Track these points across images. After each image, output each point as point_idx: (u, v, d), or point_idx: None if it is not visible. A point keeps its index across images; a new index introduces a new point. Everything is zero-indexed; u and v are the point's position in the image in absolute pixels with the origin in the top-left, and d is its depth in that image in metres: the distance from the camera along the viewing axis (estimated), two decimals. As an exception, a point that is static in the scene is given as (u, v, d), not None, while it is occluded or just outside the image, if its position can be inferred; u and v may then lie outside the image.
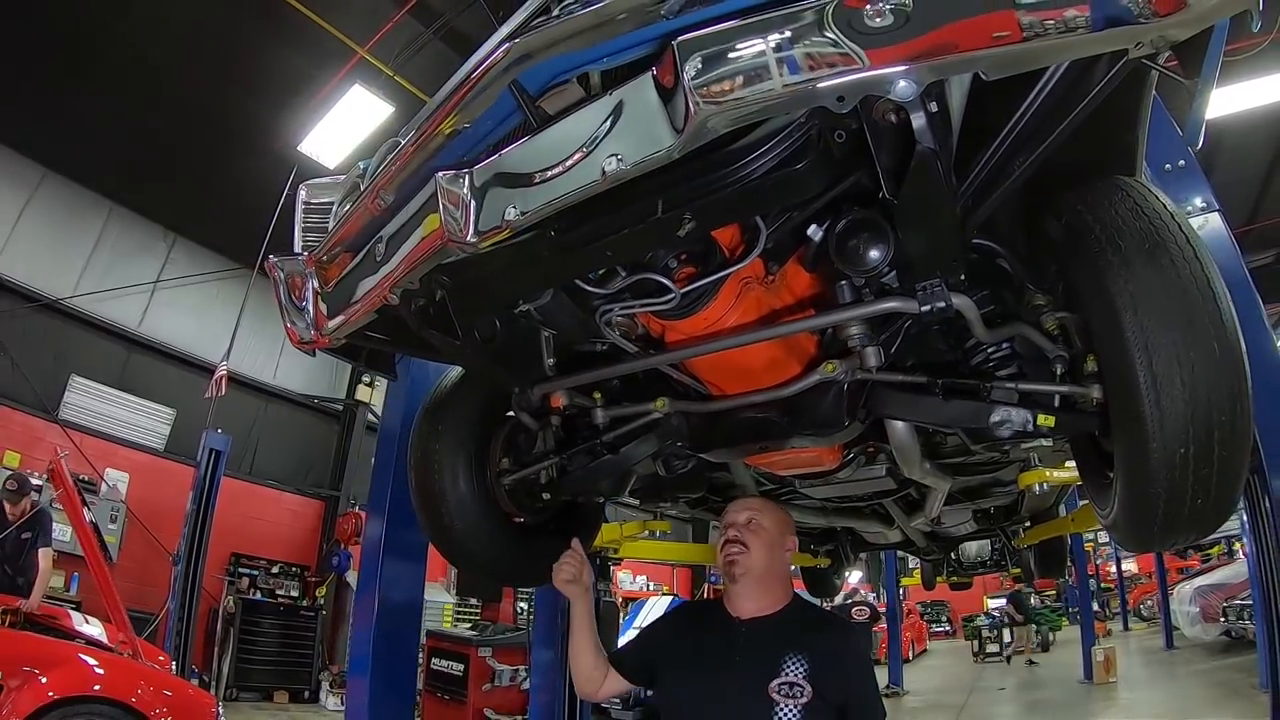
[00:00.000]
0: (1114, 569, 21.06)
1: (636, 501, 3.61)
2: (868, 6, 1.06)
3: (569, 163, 1.27)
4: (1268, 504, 3.30)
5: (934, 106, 1.19)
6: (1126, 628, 19.44)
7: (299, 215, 2.19)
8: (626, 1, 1.24)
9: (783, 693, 1.84)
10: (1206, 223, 3.78)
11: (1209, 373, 1.30)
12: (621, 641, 2.90)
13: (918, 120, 1.19)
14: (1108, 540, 21.37)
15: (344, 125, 8.87)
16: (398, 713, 3.57)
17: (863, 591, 13.57)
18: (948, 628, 25.72)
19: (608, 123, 1.25)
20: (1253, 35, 7.99)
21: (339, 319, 1.86)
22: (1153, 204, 1.45)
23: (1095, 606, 19.07)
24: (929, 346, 1.86)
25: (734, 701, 1.90)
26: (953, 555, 8.09)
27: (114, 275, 11.09)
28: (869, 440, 2.20)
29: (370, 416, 13.73)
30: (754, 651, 1.95)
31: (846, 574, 9.36)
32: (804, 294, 1.76)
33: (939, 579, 9.89)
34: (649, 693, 2.29)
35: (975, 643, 18.49)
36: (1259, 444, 3.24)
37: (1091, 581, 20.44)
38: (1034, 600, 20.09)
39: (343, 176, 2.18)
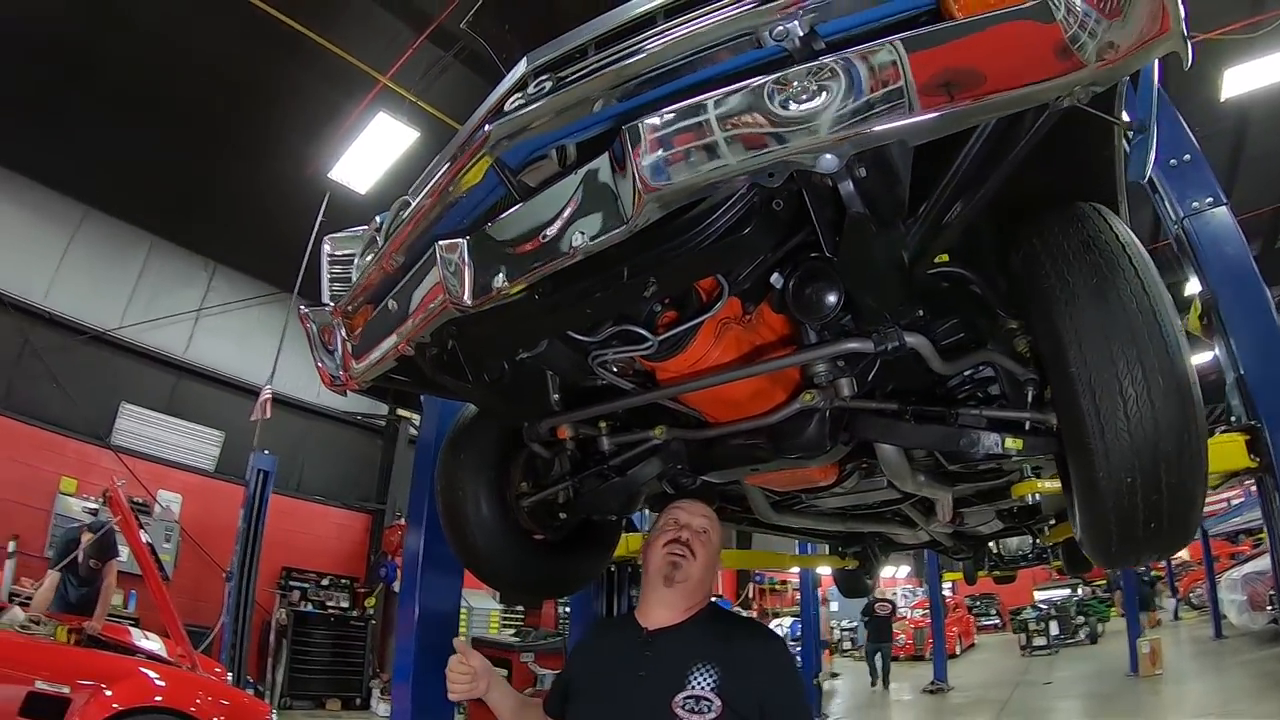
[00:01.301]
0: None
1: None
2: (795, 85, 1.16)
3: (544, 237, 1.40)
4: (1278, 502, 3.31)
5: (863, 172, 1.26)
6: (1176, 617, 19.08)
7: (324, 267, 2.37)
8: (584, 90, 1.38)
9: (687, 708, 1.72)
10: (1214, 217, 3.79)
11: (1153, 408, 1.35)
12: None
13: (845, 188, 1.28)
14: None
15: (372, 152, 9.09)
16: (438, 716, 3.73)
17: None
18: (997, 621, 25.36)
19: (574, 200, 1.37)
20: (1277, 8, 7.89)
21: (364, 365, 2.03)
22: (1105, 237, 1.50)
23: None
24: (910, 371, 1.93)
25: (635, 718, 1.80)
26: (994, 549, 8.05)
27: (158, 305, 11.55)
28: (861, 458, 2.31)
29: (412, 430, 13.98)
30: (660, 663, 1.84)
31: (879, 572, 9.37)
32: (779, 331, 1.87)
33: (980, 573, 9.81)
34: None
35: (1023, 636, 18.33)
36: (1269, 441, 3.26)
37: (1142, 571, 20.13)
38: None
39: (362, 228, 2.36)
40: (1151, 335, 1.38)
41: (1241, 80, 9.09)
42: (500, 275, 1.48)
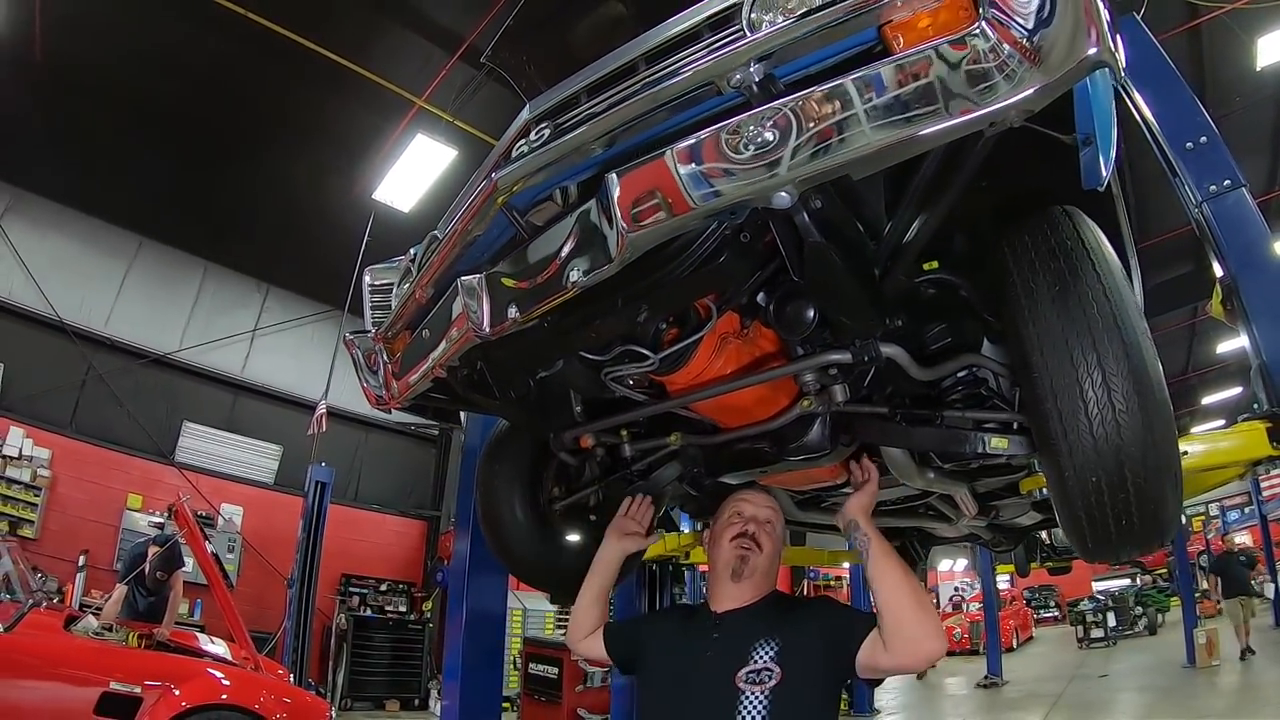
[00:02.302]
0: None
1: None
2: (746, 131, 1.28)
3: (547, 274, 1.57)
4: None
5: (818, 204, 1.38)
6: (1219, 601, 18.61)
7: (366, 296, 2.58)
8: (574, 141, 1.54)
9: (749, 680, 1.79)
10: (1232, 200, 3.72)
11: (1114, 410, 1.41)
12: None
13: (801, 220, 1.39)
14: (1219, 514, 20.51)
15: (412, 172, 9.34)
16: (485, 712, 3.92)
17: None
18: (1056, 613, 24.94)
19: (570, 240, 1.53)
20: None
21: (404, 385, 2.23)
22: (1071, 243, 1.56)
23: (1204, 584, 18.32)
24: (902, 376, 1.99)
25: (701, 695, 1.86)
26: (1046, 540, 7.94)
27: (215, 327, 12.04)
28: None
29: (464, 438, 14.24)
30: (725, 643, 1.91)
31: (925, 566, 9.34)
32: (773, 344, 2.00)
33: (1033, 565, 9.66)
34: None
35: (1080, 628, 18.05)
36: None
37: (1204, 557, 19.62)
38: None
39: (399, 260, 2.56)
40: (1112, 340, 1.43)
41: (1276, 48, 8.77)
42: (513, 307, 1.66)
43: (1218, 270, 3.70)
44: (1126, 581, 20.85)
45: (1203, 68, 8.89)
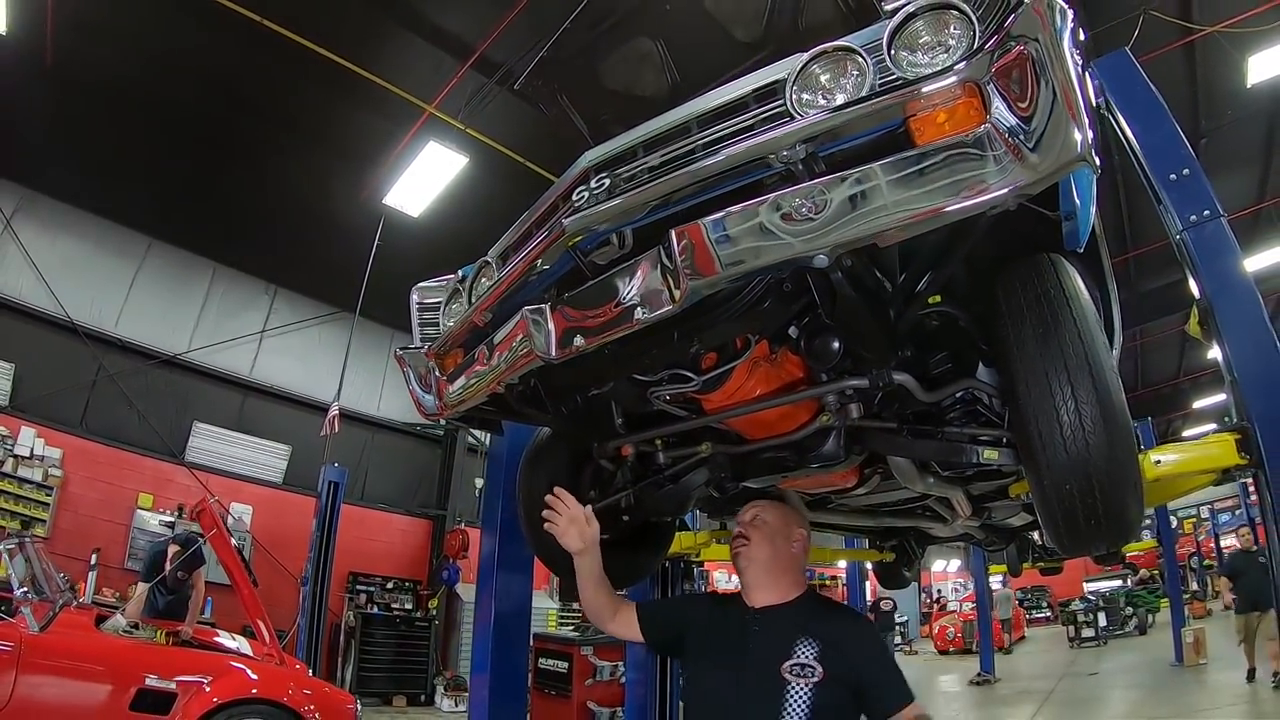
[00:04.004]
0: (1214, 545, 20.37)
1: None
2: (797, 200, 1.54)
3: (613, 310, 1.83)
4: (1270, 498, 3.52)
5: (849, 262, 1.65)
6: (1228, 607, 18.85)
7: (414, 314, 2.81)
8: (637, 198, 1.80)
9: (794, 673, 1.99)
10: (1211, 230, 3.99)
11: (1084, 431, 1.67)
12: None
13: (835, 276, 1.66)
14: (1209, 515, 20.79)
15: (423, 178, 9.50)
16: (512, 704, 4.13)
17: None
18: (1048, 613, 25.25)
19: (635, 282, 1.79)
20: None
21: (458, 399, 2.48)
22: (1054, 292, 1.82)
23: (1194, 585, 18.64)
24: (908, 397, 2.23)
25: (748, 683, 2.05)
26: (1039, 540, 8.20)
27: (224, 329, 12.27)
28: (877, 464, 2.69)
29: (470, 439, 14.60)
30: (766, 637, 2.11)
31: (919, 566, 9.59)
32: (799, 368, 2.25)
33: (1025, 565, 9.86)
34: None
35: (1071, 628, 18.34)
36: (1259, 440, 3.48)
37: (1194, 559, 19.92)
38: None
39: (447, 278, 2.79)
40: (1084, 375, 1.69)
41: (1266, 66, 8.95)
42: (579, 337, 1.92)
43: (1196, 292, 3.96)
44: (1118, 582, 21.14)
45: (1196, 83, 9.19)
